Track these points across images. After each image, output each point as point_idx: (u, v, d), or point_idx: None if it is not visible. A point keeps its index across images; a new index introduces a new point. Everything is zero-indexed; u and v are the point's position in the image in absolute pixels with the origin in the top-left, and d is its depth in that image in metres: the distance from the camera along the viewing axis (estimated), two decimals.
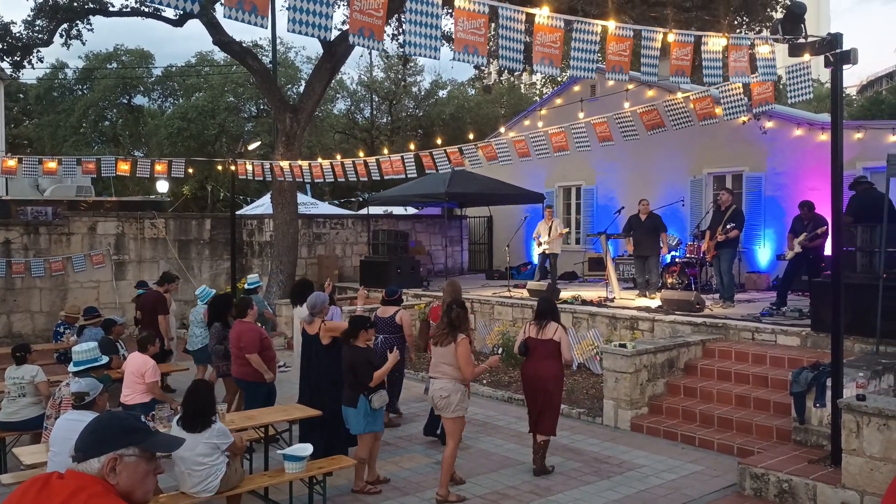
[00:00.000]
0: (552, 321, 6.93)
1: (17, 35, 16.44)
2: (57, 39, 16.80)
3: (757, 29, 14.12)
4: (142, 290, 11.31)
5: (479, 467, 7.06)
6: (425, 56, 5.00)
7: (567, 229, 13.09)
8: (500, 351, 10.83)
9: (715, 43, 6.33)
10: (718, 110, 8.10)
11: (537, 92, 37.36)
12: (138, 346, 7.41)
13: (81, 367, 6.03)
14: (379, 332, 7.89)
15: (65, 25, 16.72)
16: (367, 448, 6.43)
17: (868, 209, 8.61)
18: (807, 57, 6.42)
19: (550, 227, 14.07)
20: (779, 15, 13.11)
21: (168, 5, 4.21)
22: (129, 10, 16.32)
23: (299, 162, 13.77)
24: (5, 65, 18.58)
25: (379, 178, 12.62)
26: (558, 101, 17.50)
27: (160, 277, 11.09)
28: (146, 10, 15.99)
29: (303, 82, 28.27)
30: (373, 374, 6.25)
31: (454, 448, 6.27)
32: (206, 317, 9.00)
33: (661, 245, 12.54)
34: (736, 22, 14.35)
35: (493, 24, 5.62)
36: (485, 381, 10.25)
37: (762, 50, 6.58)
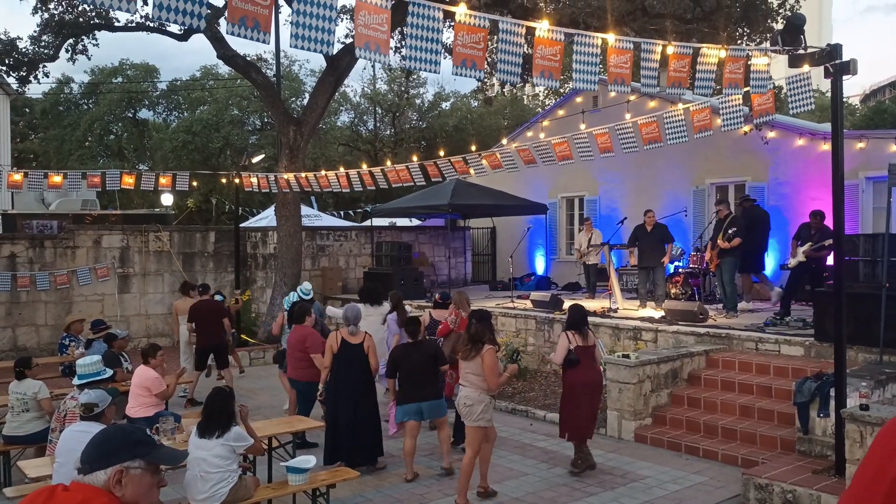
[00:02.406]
0: (588, 327, 7.27)
1: (24, 50, 16.56)
2: (63, 54, 16.92)
3: (757, 40, 14.17)
4: (221, 296, 11.79)
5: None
6: (425, 70, 5.06)
7: (605, 244, 12.98)
8: (507, 364, 10.85)
9: (712, 55, 6.37)
10: (718, 121, 8.13)
11: (540, 103, 37.48)
12: (142, 359, 7.47)
13: (85, 381, 6.07)
14: (429, 332, 8.43)
15: (70, 41, 16.83)
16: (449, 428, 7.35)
17: (754, 223, 11.29)
18: (806, 68, 6.46)
19: (590, 238, 14.04)
20: (779, 26, 13.16)
21: (174, 21, 4.27)
22: (134, 25, 16.44)
23: (304, 173, 13.85)
24: (11, 80, 18.75)
25: (386, 187, 12.70)
26: (560, 112, 17.56)
27: (202, 286, 11.63)
28: (151, 25, 16.11)
29: (306, 95, 28.44)
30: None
31: (473, 457, 6.35)
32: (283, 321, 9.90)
33: (665, 255, 12.40)
34: (737, 33, 14.40)
35: (494, 38, 5.69)
36: None
37: (757, 62, 6.63)
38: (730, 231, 10.69)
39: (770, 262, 14.17)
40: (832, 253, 8.72)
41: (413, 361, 6.97)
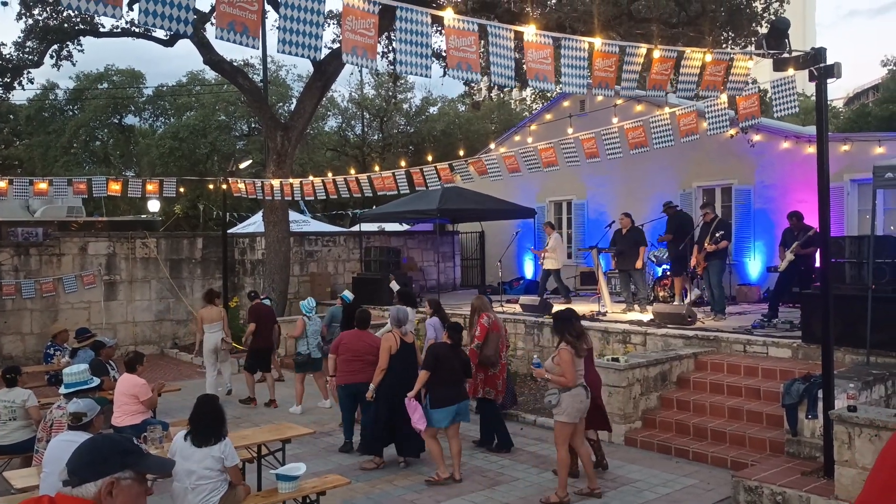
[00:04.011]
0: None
1: (8, 56, 16.43)
2: (47, 60, 16.81)
3: (742, 44, 14.28)
4: (269, 300, 12.07)
5: (473, 484, 7.04)
6: (417, 74, 5.05)
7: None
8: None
9: (697, 58, 6.41)
10: (704, 125, 8.17)
11: (527, 108, 37.58)
12: (126, 367, 7.43)
13: (72, 390, 6.01)
14: None
15: (55, 46, 16.73)
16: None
17: (684, 227, 11.92)
18: (791, 71, 6.51)
19: (547, 243, 14.09)
20: (764, 30, 13.26)
21: (160, 27, 4.24)
22: (119, 31, 16.36)
23: (290, 179, 13.81)
24: None
25: (371, 195, 12.69)
26: (548, 116, 17.61)
27: (253, 292, 11.98)
28: (137, 31, 16.04)
29: (294, 100, 28.36)
30: None
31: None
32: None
33: (637, 258, 12.21)
34: (722, 37, 14.51)
35: (482, 41, 5.70)
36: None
37: (738, 66, 6.68)
38: (717, 234, 10.75)
39: (756, 265, 14.28)
40: (819, 252, 8.79)
41: (452, 363, 7.05)
